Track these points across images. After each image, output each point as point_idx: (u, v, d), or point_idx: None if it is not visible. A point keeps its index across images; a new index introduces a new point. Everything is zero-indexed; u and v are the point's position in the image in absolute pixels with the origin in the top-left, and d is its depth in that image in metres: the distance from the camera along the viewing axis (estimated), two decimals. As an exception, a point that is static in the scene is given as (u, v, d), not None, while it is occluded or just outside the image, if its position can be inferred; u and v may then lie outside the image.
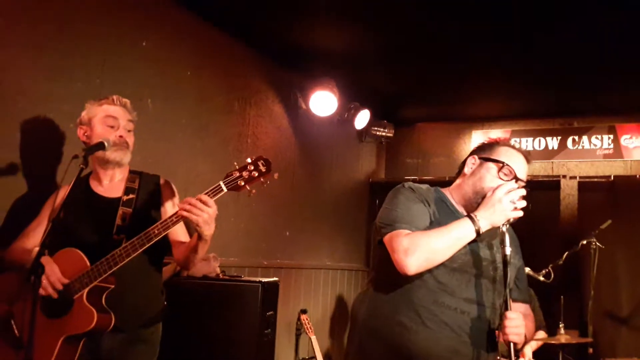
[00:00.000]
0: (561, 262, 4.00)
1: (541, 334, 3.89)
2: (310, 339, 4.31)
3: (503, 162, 1.90)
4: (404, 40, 4.02)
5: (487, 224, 1.79)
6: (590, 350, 3.96)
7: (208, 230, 2.05)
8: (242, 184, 2.00)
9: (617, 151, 5.33)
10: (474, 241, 1.82)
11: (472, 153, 2.02)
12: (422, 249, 1.74)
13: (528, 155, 1.97)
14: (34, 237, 2.19)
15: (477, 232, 1.78)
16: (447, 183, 2.08)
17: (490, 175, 1.90)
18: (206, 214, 1.99)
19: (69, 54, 2.77)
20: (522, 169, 1.92)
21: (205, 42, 3.75)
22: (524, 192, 1.82)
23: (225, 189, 2.01)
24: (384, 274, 1.89)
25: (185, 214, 1.99)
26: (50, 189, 2.40)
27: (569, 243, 4.26)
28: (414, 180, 2.11)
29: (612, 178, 5.13)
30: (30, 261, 1.90)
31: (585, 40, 3.80)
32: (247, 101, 4.16)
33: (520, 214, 1.81)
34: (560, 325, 3.87)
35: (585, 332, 4.29)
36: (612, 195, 5.08)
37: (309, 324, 4.35)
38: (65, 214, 2.19)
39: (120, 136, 2.25)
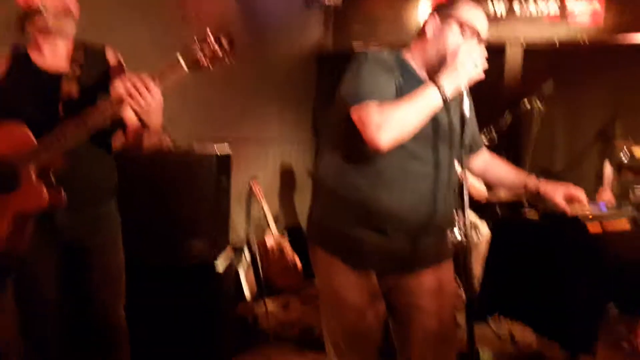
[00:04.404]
0: (503, 124, 4.12)
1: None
2: (262, 206, 4.44)
3: (465, 20, 1.83)
4: None
5: (453, 89, 1.73)
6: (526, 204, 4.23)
7: (150, 119, 1.87)
8: (205, 64, 1.79)
9: (564, 15, 5.34)
10: None
11: (433, 12, 1.92)
12: (393, 124, 1.70)
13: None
14: None
15: (444, 99, 1.73)
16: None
17: (453, 36, 1.84)
18: (148, 104, 1.80)
19: None
20: (484, 26, 1.86)
21: None
22: (485, 51, 1.76)
23: (185, 69, 1.81)
24: (350, 145, 1.86)
25: (124, 95, 1.79)
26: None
27: (512, 106, 4.37)
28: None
29: (556, 43, 5.18)
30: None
31: None
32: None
33: (482, 75, 1.76)
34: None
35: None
36: (556, 60, 5.16)
37: (259, 190, 4.45)
38: (5, 88, 2.06)
39: (63, 2, 2.04)
